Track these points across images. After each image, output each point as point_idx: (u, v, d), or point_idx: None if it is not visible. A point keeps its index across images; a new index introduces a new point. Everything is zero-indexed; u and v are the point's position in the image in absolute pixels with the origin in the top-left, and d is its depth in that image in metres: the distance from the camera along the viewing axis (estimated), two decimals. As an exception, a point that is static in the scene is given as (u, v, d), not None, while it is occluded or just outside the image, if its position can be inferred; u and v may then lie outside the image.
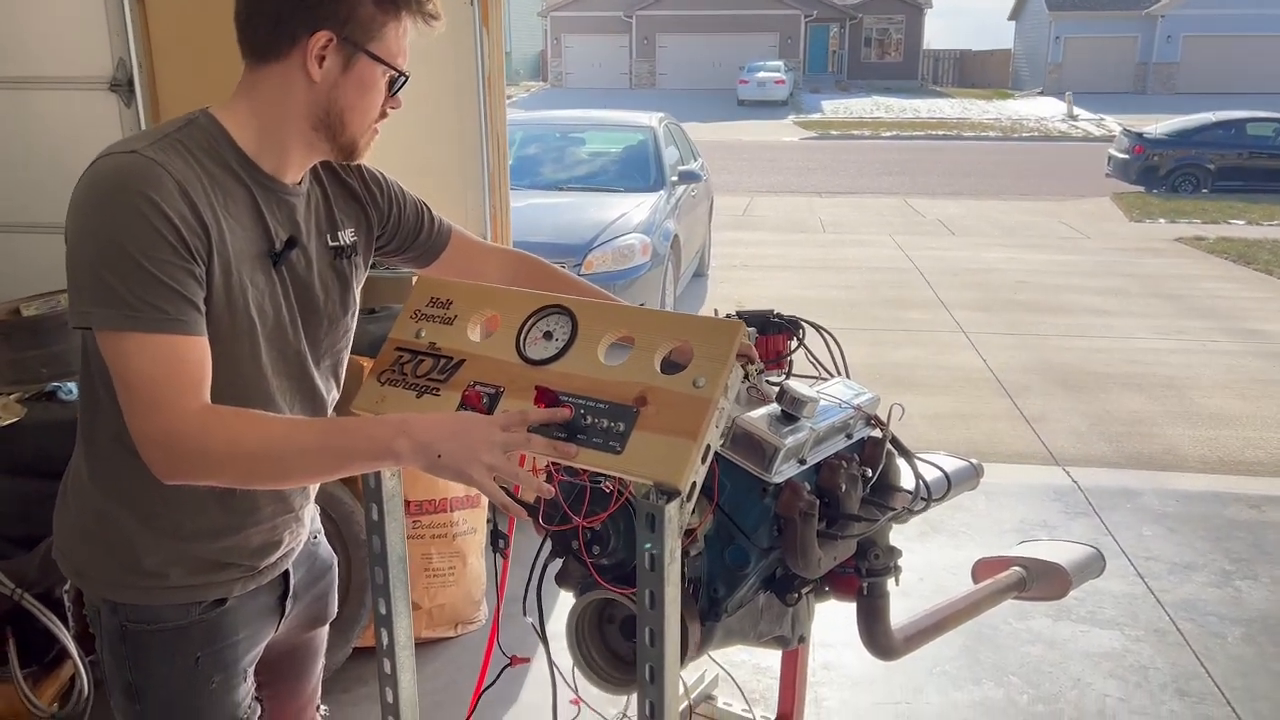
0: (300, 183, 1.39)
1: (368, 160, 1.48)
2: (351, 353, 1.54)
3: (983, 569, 2.14)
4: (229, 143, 1.31)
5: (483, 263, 1.65)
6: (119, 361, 1.20)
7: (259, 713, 1.54)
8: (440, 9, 1.36)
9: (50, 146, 3.62)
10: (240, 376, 1.32)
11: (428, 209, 1.61)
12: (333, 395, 1.49)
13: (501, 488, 1.50)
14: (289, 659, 1.66)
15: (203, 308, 1.23)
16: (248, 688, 1.49)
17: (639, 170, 7.52)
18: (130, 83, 3.49)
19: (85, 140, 3.57)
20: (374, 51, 1.30)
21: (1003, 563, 2.12)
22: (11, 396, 2.76)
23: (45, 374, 2.80)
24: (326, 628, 1.73)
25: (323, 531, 1.67)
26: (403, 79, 1.35)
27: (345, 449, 1.21)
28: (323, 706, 1.85)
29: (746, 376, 1.40)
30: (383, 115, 1.38)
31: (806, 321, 1.77)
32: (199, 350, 1.22)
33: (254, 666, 1.51)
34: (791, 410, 1.43)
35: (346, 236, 1.46)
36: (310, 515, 1.56)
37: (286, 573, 1.53)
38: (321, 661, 1.76)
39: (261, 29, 1.31)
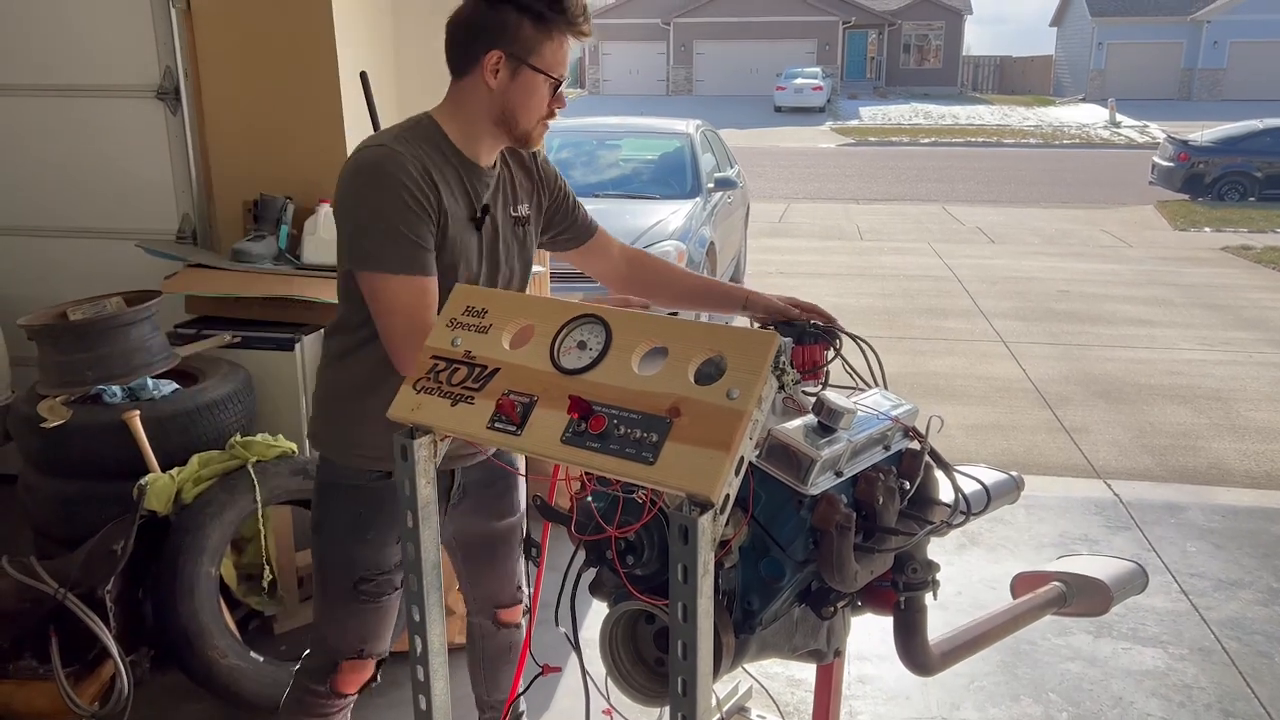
0: (493, 166, 1.82)
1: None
2: None
3: (1022, 584, 2.11)
4: (443, 136, 1.75)
5: (611, 248, 2.10)
6: (382, 296, 1.66)
7: (400, 577, 1.89)
8: (590, 27, 1.75)
9: (97, 153, 3.70)
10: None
11: (580, 205, 2.05)
12: None
13: (537, 495, 1.51)
14: (482, 544, 2.11)
15: (434, 254, 1.69)
16: (396, 554, 1.87)
17: (675, 177, 7.52)
18: (176, 91, 3.55)
19: (131, 147, 3.65)
20: (534, 64, 1.71)
21: (1042, 577, 2.08)
22: (58, 399, 2.82)
23: (90, 377, 2.86)
24: (514, 520, 2.12)
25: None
26: (559, 84, 1.75)
27: None
28: (527, 591, 2.24)
29: (783, 387, 1.39)
30: (550, 113, 1.77)
31: (844, 331, 1.76)
32: (430, 285, 1.69)
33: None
34: (828, 421, 1.41)
35: (524, 210, 1.90)
36: None
37: (452, 472, 1.92)
38: (516, 551, 2.16)
39: (455, 54, 1.74)
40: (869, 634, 2.93)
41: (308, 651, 2.04)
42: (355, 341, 1.81)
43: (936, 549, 1.65)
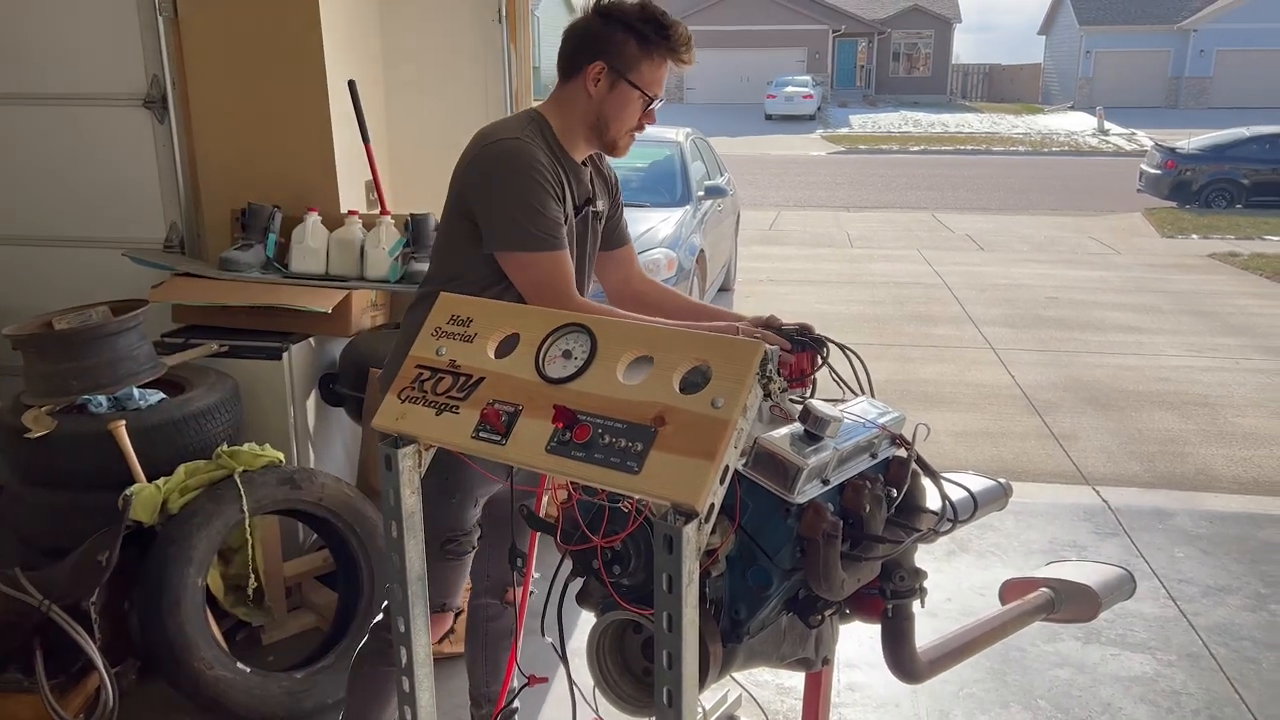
0: (585, 164, 2.01)
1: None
2: (379, 367, 1.60)
3: (1011, 590, 2.11)
4: (551, 132, 1.93)
5: (631, 264, 2.24)
6: (532, 271, 1.85)
7: (477, 535, 2.04)
8: (692, 56, 1.92)
9: (84, 162, 3.68)
10: None
11: (624, 215, 2.22)
12: None
13: (524, 505, 1.51)
14: (503, 522, 2.13)
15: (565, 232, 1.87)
16: (476, 514, 2.02)
17: (665, 185, 7.53)
18: (164, 99, 3.54)
19: (118, 156, 3.64)
20: (632, 79, 1.88)
21: (1031, 584, 2.09)
22: (43, 409, 2.80)
23: (76, 387, 2.84)
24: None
25: None
26: (656, 101, 1.91)
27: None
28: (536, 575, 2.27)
29: (769, 395, 1.39)
30: (640, 126, 1.94)
31: (829, 340, 1.76)
32: (570, 259, 1.88)
33: (484, 503, 2.03)
34: (814, 430, 1.41)
35: (599, 206, 2.07)
36: None
37: None
38: (527, 535, 2.17)
39: (565, 59, 1.92)
40: (858, 642, 2.93)
41: (386, 604, 2.09)
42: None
43: (926, 556, 1.65)
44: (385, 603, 2.09)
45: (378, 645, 2.07)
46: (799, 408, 1.45)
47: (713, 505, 1.08)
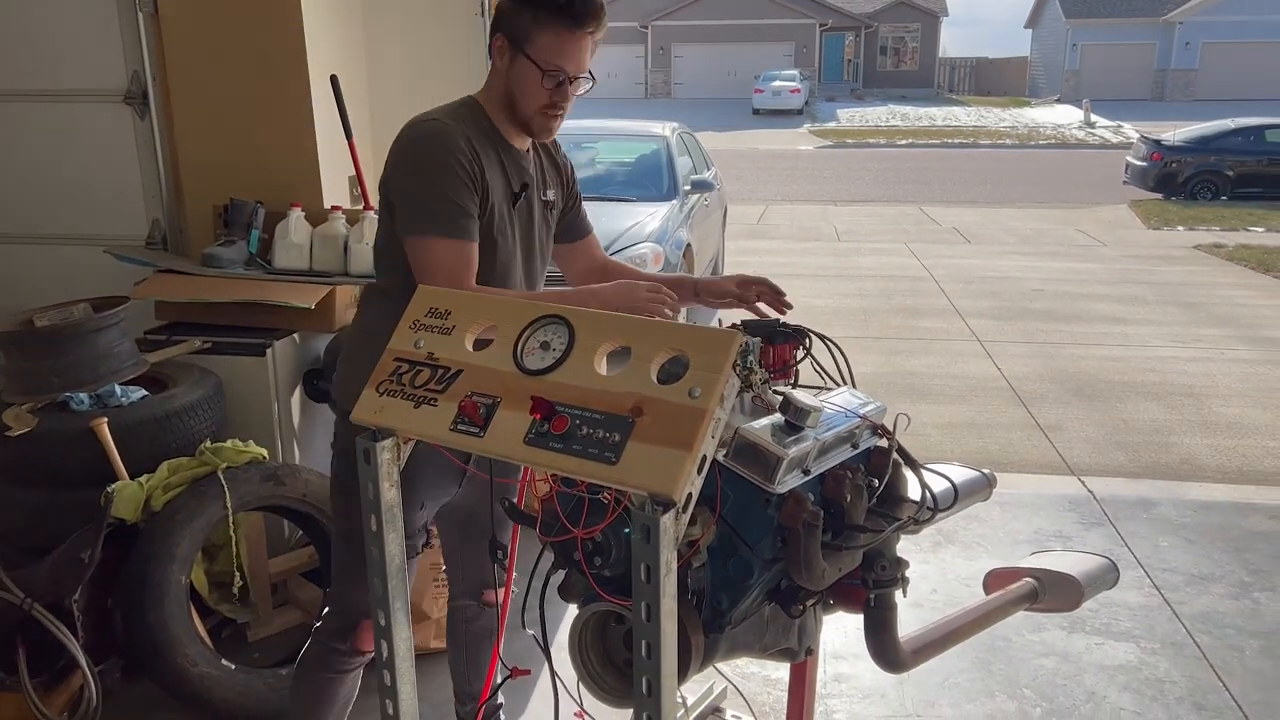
0: (530, 150, 1.94)
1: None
2: None
3: (994, 580, 2.11)
4: (484, 115, 1.87)
5: (594, 252, 2.20)
6: (429, 257, 1.77)
7: (422, 541, 2.00)
8: (599, 25, 1.81)
9: (65, 159, 3.66)
10: (482, 272, 1.86)
11: (583, 206, 2.16)
12: None
13: (505, 499, 1.51)
14: (473, 524, 2.10)
15: (477, 221, 1.81)
16: (424, 517, 1.96)
17: (652, 180, 7.52)
18: (144, 95, 3.52)
19: (99, 152, 3.61)
20: (528, 53, 1.79)
21: (1014, 574, 2.09)
22: (24, 406, 2.78)
23: (57, 384, 2.82)
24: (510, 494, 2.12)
25: None
26: (558, 78, 1.80)
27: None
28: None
29: (751, 386, 1.39)
30: (553, 105, 1.84)
31: (812, 331, 1.76)
32: (473, 250, 1.81)
33: (435, 505, 1.99)
34: (795, 420, 1.41)
35: (551, 195, 2.01)
36: None
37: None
38: (509, 528, 2.14)
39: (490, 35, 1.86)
40: (844, 632, 2.94)
41: (327, 610, 2.09)
42: (395, 310, 1.87)
43: (911, 547, 1.66)
44: (325, 607, 2.09)
45: (319, 651, 2.06)
46: (780, 398, 1.45)
47: (690, 495, 1.08)
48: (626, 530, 1.29)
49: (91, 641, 2.48)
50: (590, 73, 1.87)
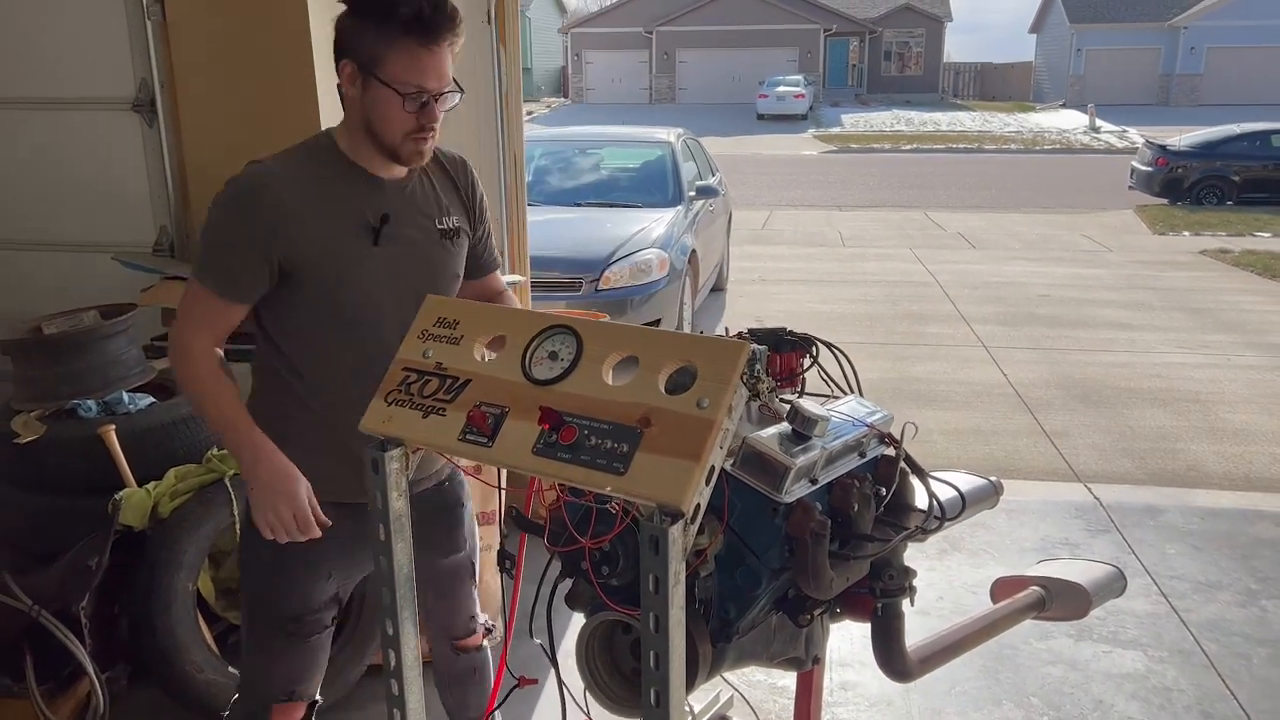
0: (403, 177, 1.77)
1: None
2: None
3: (1001, 589, 2.11)
4: (334, 147, 1.73)
5: (494, 292, 2.00)
6: (183, 297, 1.72)
7: (333, 614, 1.89)
8: (450, 35, 1.61)
9: (73, 166, 3.67)
10: (334, 325, 1.73)
11: (492, 244, 1.98)
12: None
13: (513, 507, 1.51)
14: (428, 582, 1.87)
15: (247, 283, 1.69)
16: (330, 589, 1.85)
17: (657, 186, 7.53)
18: (152, 103, 3.53)
19: (107, 160, 3.62)
20: (380, 76, 1.60)
21: (1021, 582, 2.09)
22: (32, 414, 2.79)
23: (65, 391, 2.83)
24: (464, 558, 2.07)
25: (453, 482, 2.02)
26: (421, 98, 1.62)
27: (225, 437, 1.72)
28: (485, 617, 2.21)
29: (758, 395, 1.39)
30: (420, 129, 1.66)
31: (818, 339, 1.76)
32: (220, 306, 1.70)
33: (349, 577, 1.90)
34: (802, 429, 1.41)
35: (452, 222, 1.84)
36: (418, 461, 1.86)
37: None
38: (468, 584, 2.11)
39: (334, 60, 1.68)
40: (851, 641, 2.93)
41: (236, 697, 1.97)
42: (263, 372, 1.85)
43: (918, 554, 1.65)
44: (236, 695, 1.97)
45: None
46: (787, 407, 1.45)
47: (699, 506, 1.08)
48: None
49: (98, 648, 2.49)
50: (456, 82, 1.68)
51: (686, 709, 1.30)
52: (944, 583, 3.54)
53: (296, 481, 1.67)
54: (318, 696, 1.97)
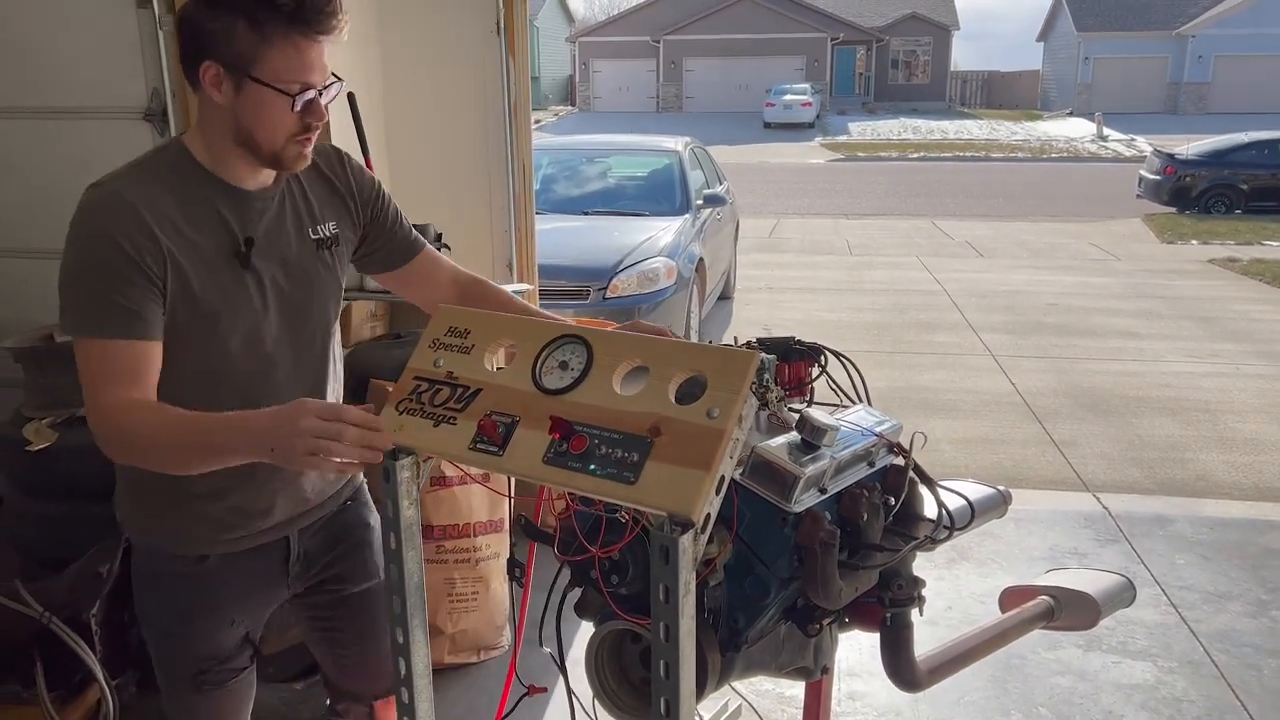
0: (270, 186, 1.55)
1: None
2: (378, 378, 1.59)
3: (1010, 598, 2.11)
4: (190, 160, 1.49)
5: (439, 273, 1.78)
6: (77, 361, 1.44)
7: (248, 654, 1.75)
8: (323, 20, 1.40)
9: (84, 175, 3.66)
10: (208, 364, 1.52)
11: (404, 222, 1.75)
12: (334, 372, 1.69)
13: (521, 515, 1.51)
14: (339, 620, 1.84)
15: (150, 315, 1.43)
16: (238, 634, 1.70)
17: (664, 194, 7.55)
18: (164, 112, 3.55)
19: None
20: (258, 76, 1.40)
21: (1030, 592, 2.09)
22: (44, 421, 2.80)
23: (77, 399, 2.83)
24: (376, 587, 1.84)
25: (358, 501, 1.84)
26: (307, 94, 1.43)
27: (206, 444, 1.39)
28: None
29: (767, 404, 1.39)
30: (305, 128, 1.47)
31: (827, 349, 1.76)
32: (134, 350, 1.42)
33: (255, 616, 1.73)
34: (811, 438, 1.42)
35: (328, 229, 1.62)
36: (315, 490, 1.71)
37: (286, 539, 1.71)
38: (382, 626, 1.83)
39: (185, 61, 1.44)
40: (859, 650, 2.93)
41: None
42: None
43: (926, 564, 1.65)
44: None
45: None
46: (796, 416, 1.46)
47: (709, 516, 1.09)
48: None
49: (109, 655, 2.49)
50: (333, 73, 1.50)
51: (696, 718, 1.30)
52: (952, 592, 3.54)
53: (297, 408, 1.30)
54: None
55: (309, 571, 1.77)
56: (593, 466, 1.14)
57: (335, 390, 1.71)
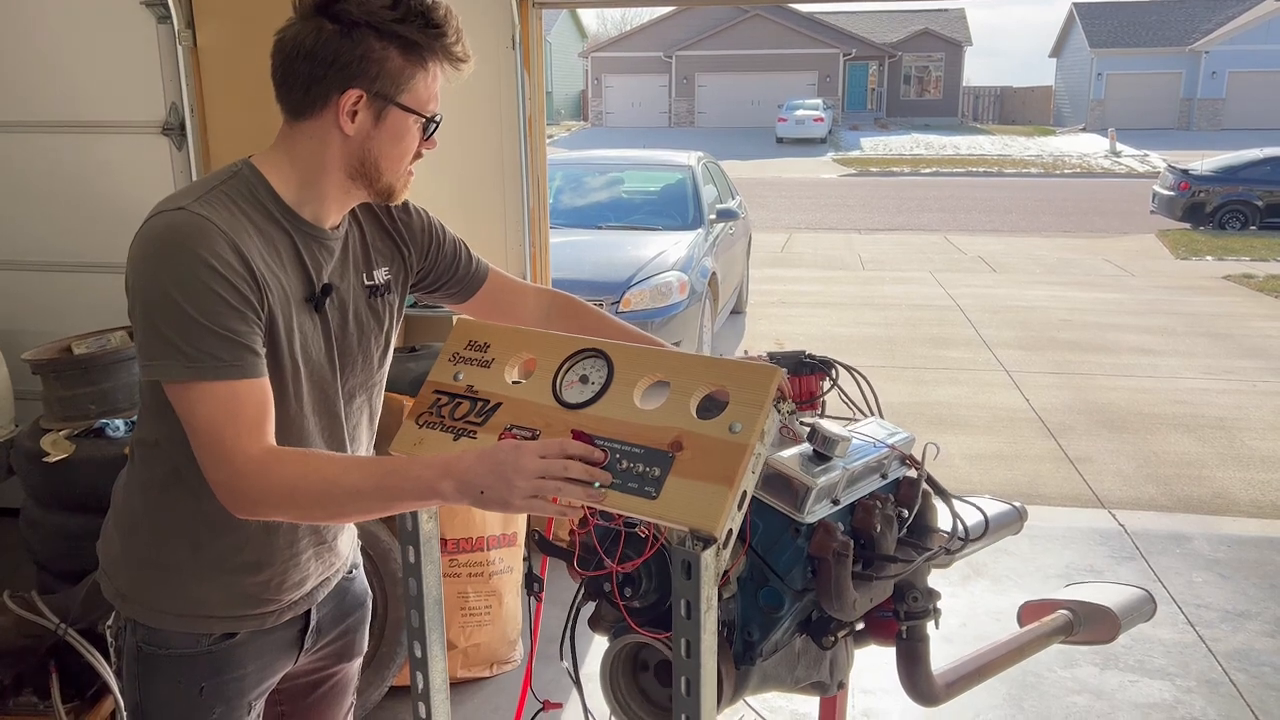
0: (339, 226, 1.45)
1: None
2: (393, 391, 1.58)
3: (1029, 612, 2.10)
4: (270, 193, 1.37)
5: (520, 298, 1.72)
6: (186, 409, 1.27)
7: None
8: (468, 51, 1.39)
9: (103, 188, 3.73)
10: (285, 415, 1.37)
11: (465, 246, 1.66)
12: (370, 428, 1.56)
13: (535, 530, 1.51)
14: (316, 691, 1.69)
15: (260, 350, 1.30)
16: (251, 717, 1.53)
17: (677, 209, 7.57)
18: (182, 127, 3.59)
19: (137, 183, 3.68)
20: (404, 103, 1.36)
21: (1049, 606, 2.07)
22: (62, 433, 2.82)
23: (94, 411, 2.86)
24: (357, 664, 1.74)
25: (360, 567, 1.72)
26: (435, 123, 1.40)
27: (393, 489, 1.25)
28: None
29: (778, 416, 1.39)
30: (417, 156, 1.43)
31: (838, 362, 1.76)
32: (258, 392, 1.28)
33: (264, 699, 1.55)
34: (823, 450, 1.42)
35: (381, 275, 1.52)
36: (346, 550, 1.61)
37: (307, 613, 1.56)
38: (351, 698, 1.77)
39: (296, 90, 1.35)
40: (874, 666, 2.90)
41: None
42: (165, 469, 1.42)
43: (941, 581, 1.65)
44: None
45: None
46: (806, 429, 1.46)
47: (731, 531, 1.09)
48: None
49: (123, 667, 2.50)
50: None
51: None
52: (967, 609, 3.51)
53: (513, 448, 1.20)
54: None
55: (316, 644, 1.62)
56: (614, 481, 1.14)
57: (368, 443, 1.60)
